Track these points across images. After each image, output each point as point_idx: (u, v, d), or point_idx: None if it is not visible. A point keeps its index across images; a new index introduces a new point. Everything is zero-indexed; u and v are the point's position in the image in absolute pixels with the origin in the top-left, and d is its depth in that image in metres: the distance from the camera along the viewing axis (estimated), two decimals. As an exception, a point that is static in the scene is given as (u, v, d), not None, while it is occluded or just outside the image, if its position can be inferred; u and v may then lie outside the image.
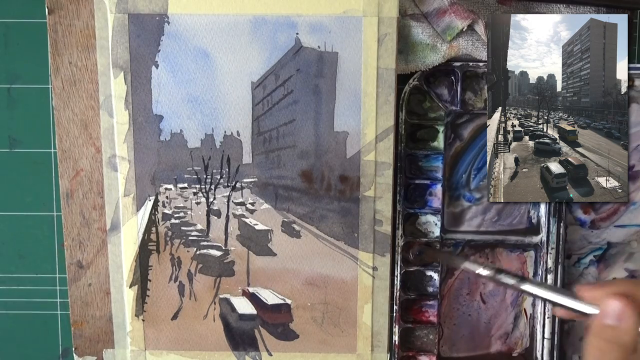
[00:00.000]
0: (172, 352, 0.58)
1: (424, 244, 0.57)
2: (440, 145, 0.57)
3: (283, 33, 0.53)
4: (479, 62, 0.56)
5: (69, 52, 0.54)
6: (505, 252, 0.59)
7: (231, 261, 0.57)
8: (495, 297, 0.60)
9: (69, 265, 0.57)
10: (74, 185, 0.56)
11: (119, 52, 0.53)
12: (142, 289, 0.57)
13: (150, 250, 0.57)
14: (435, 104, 0.57)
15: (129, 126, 0.55)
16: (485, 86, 0.56)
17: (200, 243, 0.57)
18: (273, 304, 0.57)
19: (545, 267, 0.58)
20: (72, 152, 0.55)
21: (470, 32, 0.55)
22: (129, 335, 0.57)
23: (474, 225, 0.59)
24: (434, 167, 0.58)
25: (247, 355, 0.58)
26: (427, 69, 0.56)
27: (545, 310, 0.58)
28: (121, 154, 0.55)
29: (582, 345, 0.60)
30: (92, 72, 0.54)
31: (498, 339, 0.60)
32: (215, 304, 0.57)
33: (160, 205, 0.56)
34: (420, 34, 0.55)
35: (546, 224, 0.57)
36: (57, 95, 0.55)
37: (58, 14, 0.53)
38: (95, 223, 0.56)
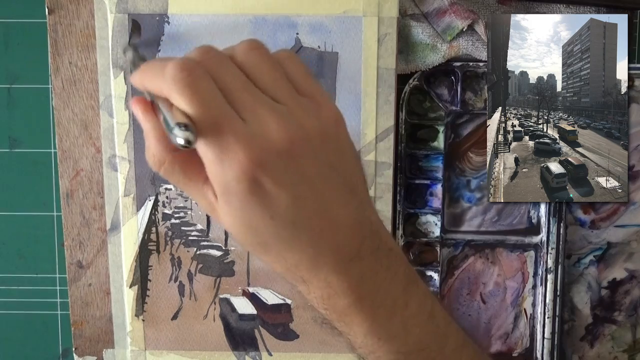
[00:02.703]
0: (172, 352, 0.58)
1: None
2: (440, 145, 0.57)
3: (283, 33, 0.53)
4: (479, 62, 0.56)
5: (69, 52, 0.54)
6: (505, 252, 0.59)
7: (231, 261, 0.57)
8: (495, 297, 0.60)
9: (69, 265, 0.57)
10: (74, 185, 0.56)
11: (119, 52, 0.53)
12: (142, 289, 0.57)
13: (150, 250, 0.57)
14: (435, 104, 0.57)
15: (129, 126, 0.55)
16: (485, 86, 0.56)
17: (200, 243, 0.57)
18: (273, 304, 0.57)
19: (545, 267, 0.58)
20: (72, 152, 0.55)
21: (470, 32, 0.55)
22: (129, 335, 0.57)
23: (474, 225, 0.59)
24: (434, 167, 0.58)
25: (247, 355, 0.58)
26: (427, 69, 0.56)
27: (545, 311, 0.58)
28: (121, 154, 0.55)
29: (582, 346, 0.60)
30: (92, 72, 0.54)
31: (498, 339, 0.60)
32: (215, 304, 0.57)
33: (161, 205, 0.56)
34: (420, 34, 0.55)
35: (546, 224, 0.57)
36: (57, 95, 0.55)
37: (58, 14, 0.53)
38: (95, 223, 0.56)
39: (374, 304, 0.35)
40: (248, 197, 0.32)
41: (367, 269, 0.35)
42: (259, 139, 0.31)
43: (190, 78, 0.31)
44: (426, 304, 0.37)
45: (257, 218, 0.32)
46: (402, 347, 0.37)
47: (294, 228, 0.33)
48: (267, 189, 0.32)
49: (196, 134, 0.30)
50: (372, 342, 0.36)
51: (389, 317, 0.36)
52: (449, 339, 0.38)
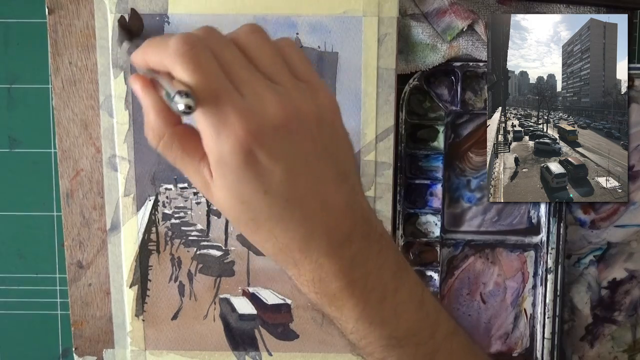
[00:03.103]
0: (172, 352, 0.58)
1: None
2: (440, 145, 0.57)
3: (283, 33, 0.53)
4: (479, 62, 0.56)
5: (69, 52, 0.54)
6: (505, 252, 0.59)
7: (231, 261, 0.57)
8: (496, 297, 0.60)
9: (69, 265, 0.57)
10: (74, 185, 0.56)
11: (119, 52, 0.53)
12: (142, 289, 0.57)
13: (150, 250, 0.57)
14: (435, 104, 0.57)
15: (129, 126, 0.55)
16: (485, 86, 0.56)
17: (200, 243, 0.57)
18: (273, 304, 0.57)
19: (545, 267, 0.58)
20: (72, 152, 0.55)
21: (470, 32, 0.55)
22: (129, 335, 0.57)
23: (474, 225, 0.59)
24: (434, 167, 0.58)
25: (247, 355, 0.58)
26: (427, 69, 0.56)
27: (545, 310, 0.58)
28: (121, 154, 0.55)
29: (582, 346, 0.60)
30: (92, 72, 0.54)
31: (498, 339, 0.60)
32: (215, 304, 0.57)
33: (161, 205, 0.56)
34: (420, 34, 0.55)
35: (546, 224, 0.57)
36: (57, 95, 0.55)
37: (58, 14, 0.53)
38: (95, 223, 0.56)
39: (365, 289, 0.36)
40: (243, 169, 0.32)
41: (359, 253, 0.35)
42: (256, 112, 0.32)
43: (193, 51, 0.32)
44: (416, 291, 0.38)
45: (251, 192, 0.33)
46: (394, 332, 0.37)
47: (287, 204, 0.33)
48: (262, 162, 0.32)
49: (196, 101, 0.31)
50: (364, 327, 0.36)
51: (380, 302, 0.36)
52: (439, 326, 0.38)
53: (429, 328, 0.38)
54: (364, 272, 0.35)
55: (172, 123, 0.34)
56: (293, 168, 0.33)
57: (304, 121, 0.33)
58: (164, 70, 0.33)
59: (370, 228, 0.36)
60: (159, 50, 0.33)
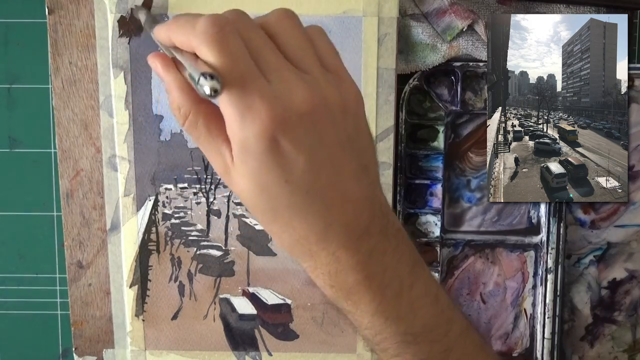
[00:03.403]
0: (172, 352, 0.58)
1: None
2: (440, 145, 0.57)
3: (283, 33, 0.53)
4: (479, 62, 0.56)
5: (69, 52, 0.54)
6: (505, 252, 0.59)
7: (231, 261, 0.57)
8: (495, 297, 0.60)
9: (69, 265, 0.57)
10: (74, 185, 0.56)
11: (119, 52, 0.53)
12: (142, 289, 0.57)
13: (150, 250, 0.57)
14: (435, 104, 0.57)
15: (129, 126, 0.55)
16: (485, 86, 0.56)
17: (200, 243, 0.57)
18: (273, 304, 0.57)
19: (545, 267, 0.58)
20: (72, 152, 0.55)
21: (470, 32, 0.55)
22: (129, 335, 0.57)
23: (474, 225, 0.59)
24: (434, 167, 0.58)
25: (247, 355, 0.58)
26: (427, 69, 0.56)
27: (545, 310, 0.58)
28: (121, 154, 0.55)
29: (582, 346, 0.60)
30: (92, 72, 0.54)
31: (498, 339, 0.60)
32: (215, 304, 0.57)
33: (161, 205, 0.56)
34: (420, 34, 0.55)
35: (546, 224, 0.57)
36: (57, 95, 0.55)
37: (58, 14, 0.53)
38: (95, 223, 0.56)
39: (382, 283, 0.35)
40: (266, 156, 0.31)
41: (376, 247, 0.35)
42: (283, 99, 0.31)
43: (221, 33, 0.31)
44: (431, 287, 0.37)
45: (272, 180, 0.32)
46: (409, 329, 0.36)
47: (307, 195, 0.33)
48: (285, 150, 0.32)
49: (222, 83, 0.30)
50: (380, 323, 0.36)
51: (396, 297, 0.36)
52: (453, 324, 0.38)
53: (443, 325, 0.38)
54: (381, 266, 0.35)
55: (196, 100, 0.34)
56: (316, 158, 0.32)
57: (329, 111, 0.33)
58: (188, 50, 0.32)
59: (388, 222, 0.36)
60: (186, 29, 0.32)
